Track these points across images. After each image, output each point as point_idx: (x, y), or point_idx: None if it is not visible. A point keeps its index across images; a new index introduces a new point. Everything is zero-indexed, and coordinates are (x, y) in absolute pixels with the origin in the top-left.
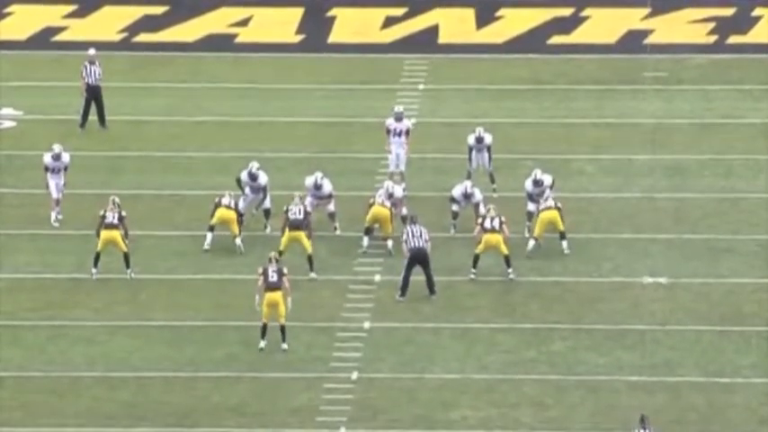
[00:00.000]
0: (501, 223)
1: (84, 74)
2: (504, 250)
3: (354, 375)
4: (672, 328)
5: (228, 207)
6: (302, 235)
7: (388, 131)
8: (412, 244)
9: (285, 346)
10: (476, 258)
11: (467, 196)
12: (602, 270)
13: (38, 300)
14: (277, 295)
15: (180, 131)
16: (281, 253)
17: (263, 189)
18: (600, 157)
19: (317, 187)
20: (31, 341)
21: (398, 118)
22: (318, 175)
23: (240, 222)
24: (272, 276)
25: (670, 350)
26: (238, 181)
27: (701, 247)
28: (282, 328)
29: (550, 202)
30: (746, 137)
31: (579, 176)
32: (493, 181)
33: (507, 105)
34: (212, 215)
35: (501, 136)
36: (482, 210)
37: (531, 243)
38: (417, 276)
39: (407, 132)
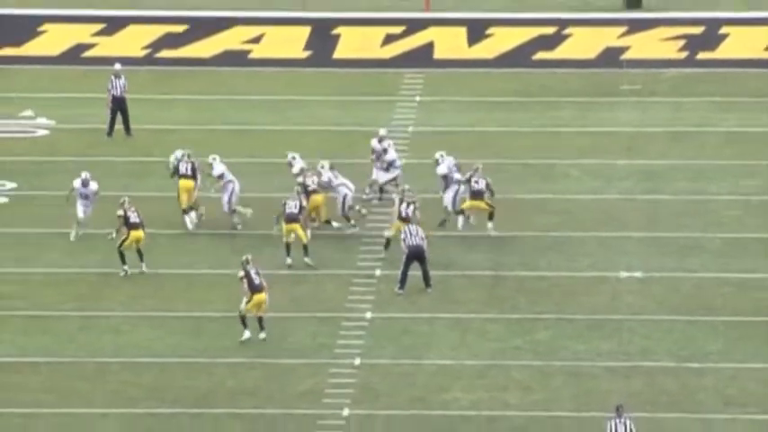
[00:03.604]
0: (415, 209)
1: (110, 86)
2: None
3: (357, 361)
4: (646, 318)
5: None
6: (298, 227)
7: (373, 151)
8: (410, 242)
9: (263, 335)
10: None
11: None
12: (582, 265)
13: (68, 293)
14: (263, 296)
15: (198, 138)
16: (288, 244)
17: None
18: (582, 162)
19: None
20: (62, 330)
21: (380, 140)
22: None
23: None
24: (256, 279)
25: (644, 338)
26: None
27: (672, 244)
28: (261, 319)
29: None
30: (714, 144)
31: (563, 180)
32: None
33: (497, 116)
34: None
35: (491, 143)
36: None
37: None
38: (415, 271)
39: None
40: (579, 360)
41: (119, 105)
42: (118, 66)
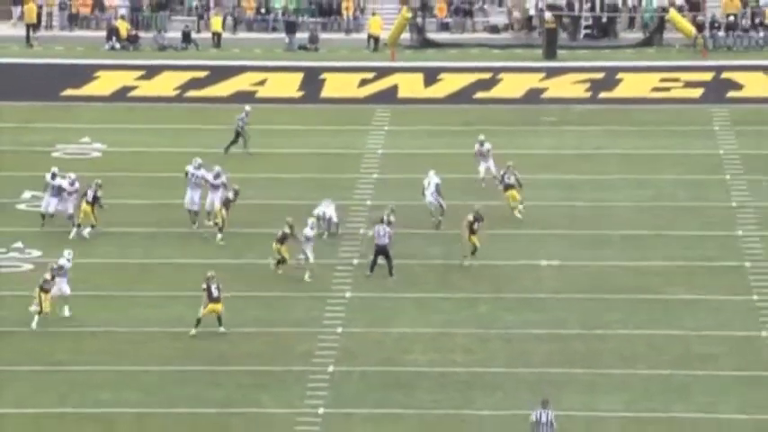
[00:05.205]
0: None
1: (238, 118)
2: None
3: (339, 330)
4: (562, 297)
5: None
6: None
7: None
8: (377, 240)
9: (223, 329)
10: None
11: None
12: (514, 255)
13: (119, 277)
14: (218, 306)
15: (216, 159)
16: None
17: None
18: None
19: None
20: (115, 306)
21: None
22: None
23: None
24: (215, 292)
25: (561, 311)
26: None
27: (583, 239)
28: (220, 319)
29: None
30: (614, 163)
31: (498, 190)
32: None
33: (447, 141)
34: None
35: (443, 162)
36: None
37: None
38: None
39: None
40: (511, 329)
41: (238, 133)
42: (248, 107)
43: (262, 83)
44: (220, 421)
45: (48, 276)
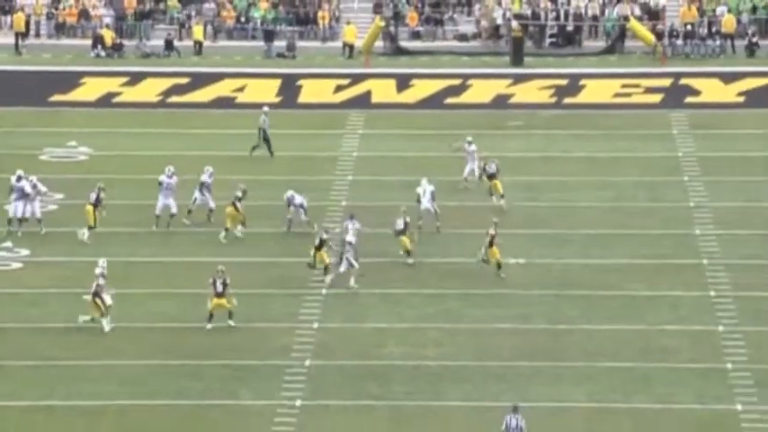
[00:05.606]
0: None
1: (260, 121)
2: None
3: (316, 325)
4: (527, 293)
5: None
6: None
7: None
8: (344, 236)
9: (232, 323)
10: None
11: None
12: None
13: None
14: (222, 300)
15: (199, 163)
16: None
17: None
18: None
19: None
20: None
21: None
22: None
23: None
24: (219, 288)
25: (525, 307)
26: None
27: (547, 238)
28: (230, 313)
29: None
30: (577, 165)
31: (465, 191)
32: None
33: (418, 144)
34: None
35: (414, 165)
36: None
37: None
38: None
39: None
40: (478, 323)
41: (263, 135)
42: (266, 108)
43: (241, 89)
44: (201, 413)
45: (101, 282)
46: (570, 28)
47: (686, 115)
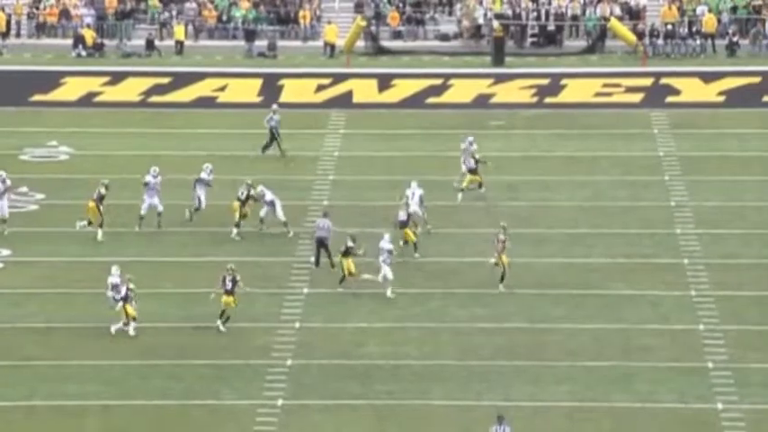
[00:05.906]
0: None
1: (266, 119)
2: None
3: (297, 325)
4: (507, 292)
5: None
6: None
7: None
8: (317, 234)
9: (222, 327)
10: None
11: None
12: (463, 254)
13: (85, 275)
14: (229, 299)
15: (182, 161)
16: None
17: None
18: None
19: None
20: (81, 303)
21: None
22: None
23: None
24: (228, 285)
25: (508, 306)
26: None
27: (528, 237)
28: (228, 317)
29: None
30: (558, 164)
31: (450, 190)
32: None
33: (399, 144)
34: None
35: (395, 165)
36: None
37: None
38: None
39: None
40: (460, 322)
41: (272, 133)
42: (275, 106)
43: (222, 89)
44: (182, 412)
45: (130, 286)
46: (551, 28)
47: (667, 115)
